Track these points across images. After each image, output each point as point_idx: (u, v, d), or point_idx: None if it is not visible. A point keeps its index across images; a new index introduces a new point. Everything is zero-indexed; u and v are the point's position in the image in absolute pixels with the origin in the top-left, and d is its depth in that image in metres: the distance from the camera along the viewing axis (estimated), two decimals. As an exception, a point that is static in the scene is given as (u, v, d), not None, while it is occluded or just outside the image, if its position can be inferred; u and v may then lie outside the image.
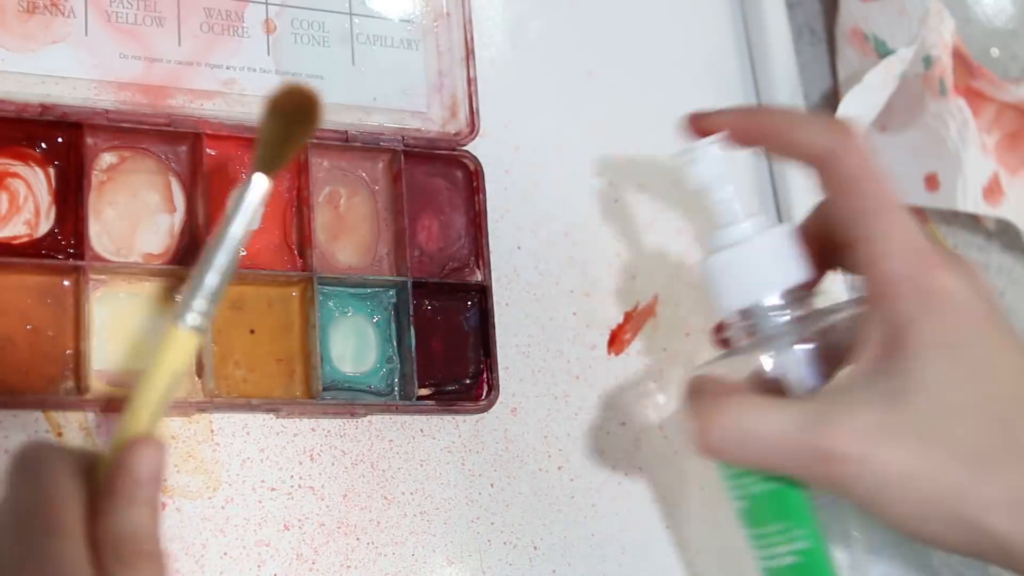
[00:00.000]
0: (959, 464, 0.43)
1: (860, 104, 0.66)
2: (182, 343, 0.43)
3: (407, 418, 0.54)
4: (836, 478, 0.44)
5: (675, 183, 0.59)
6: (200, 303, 0.44)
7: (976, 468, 0.43)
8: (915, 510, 0.44)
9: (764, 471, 0.47)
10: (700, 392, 0.48)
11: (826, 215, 0.49)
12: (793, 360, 0.47)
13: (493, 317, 0.55)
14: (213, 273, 0.44)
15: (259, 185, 0.45)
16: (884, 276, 0.46)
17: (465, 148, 0.57)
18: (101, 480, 0.41)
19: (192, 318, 0.43)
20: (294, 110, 0.45)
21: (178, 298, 0.44)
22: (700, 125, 0.50)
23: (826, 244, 0.48)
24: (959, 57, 0.69)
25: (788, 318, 0.48)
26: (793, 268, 0.48)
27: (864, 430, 0.44)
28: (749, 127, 0.49)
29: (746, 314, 0.48)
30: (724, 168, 0.49)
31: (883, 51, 0.68)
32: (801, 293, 0.48)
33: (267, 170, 0.45)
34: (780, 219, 0.66)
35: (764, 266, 0.48)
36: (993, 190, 0.69)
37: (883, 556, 0.49)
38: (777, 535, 0.47)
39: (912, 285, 0.45)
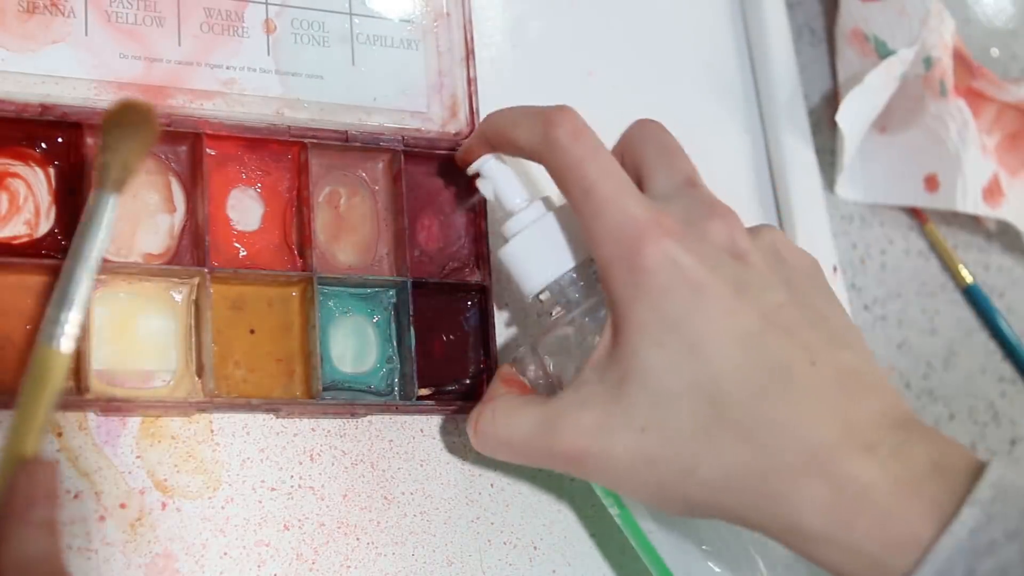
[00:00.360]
0: (675, 449, 0.44)
1: (861, 105, 0.66)
2: (56, 361, 0.43)
3: (407, 418, 0.54)
4: (579, 472, 0.47)
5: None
6: (66, 317, 0.43)
7: (690, 450, 0.44)
8: (652, 493, 0.45)
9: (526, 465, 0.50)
10: (489, 386, 0.51)
11: None
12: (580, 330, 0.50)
13: (493, 317, 0.55)
14: (74, 287, 0.44)
15: (109, 205, 0.45)
16: (600, 263, 0.46)
17: (465, 148, 0.57)
18: None
19: (62, 336, 0.43)
20: (131, 123, 0.45)
21: (45, 317, 0.44)
22: (463, 160, 0.53)
23: None
24: (959, 58, 0.70)
25: (585, 288, 0.50)
26: (574, 247, 0.50)
27: (587, 429, 0.45)
28: (488, 140, 0.52)
29: (552, 287, 0.51)
30: (499, 177, 0.52)
31: (883, 52, 0.68)
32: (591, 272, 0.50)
33: (115, 189, 0.45)
34: (780, 220, 0.66)
35: (557, 243, 0.50)
36: (993, 191, 0.69)
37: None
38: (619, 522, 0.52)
39: (620, 269, 0.45)
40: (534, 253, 0.51)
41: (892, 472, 0.42)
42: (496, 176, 0.52)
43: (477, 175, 0.53)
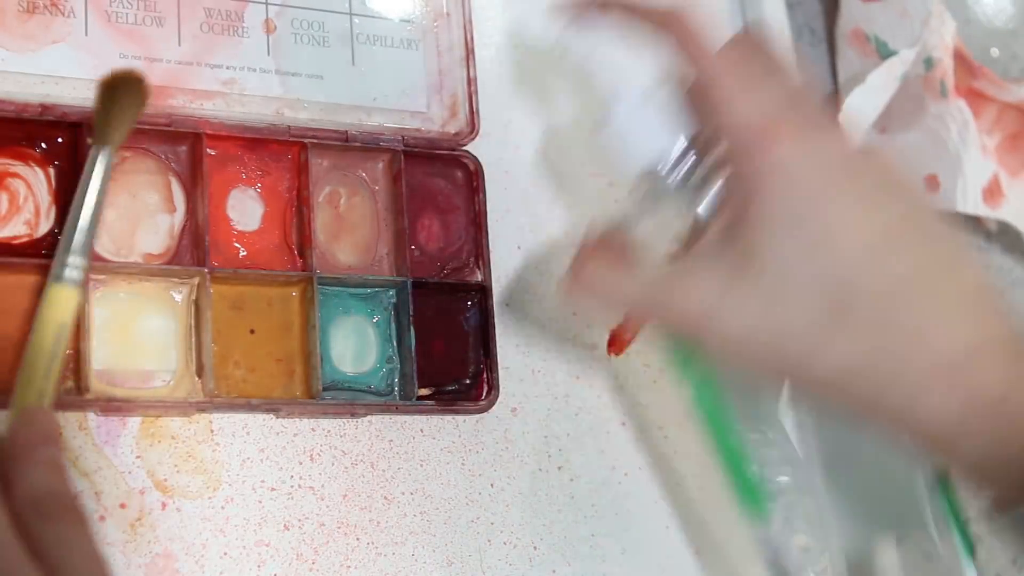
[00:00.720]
0: (801, 330, 0.45)
1: (863, 104, 0.66)
2: (63, 298, 0.46)
3: (407, 418, 0.54)
4: (691, 333, 0.48)
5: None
6: (74, 259, 0.46)
7: (819, 334, 0.45)
8: (770, 368, 0.47)
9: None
10: (588, 239, 0.51)
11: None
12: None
13: (493, 317, 0.55)
14: (79, 232, 0.46)
15: (100, 157, 0.48)
16: (730, 150, 0.47)
17: (465, 148, 0.57)
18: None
19: (69, 272, 0.46)
20: (123, 85, 0.48)
21: (54, 261, 0.47)
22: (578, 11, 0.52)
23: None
24: (960, 58, 0.70)
25: (686, 171, 0.50)
26: (681, 125, 0.50)
27: (710, 292, 0.46)
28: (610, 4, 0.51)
29: (648, 174, 0.50)
30: (601, 45, 0.52)
31: (885, 52, 0.68)
32: (694, 147, 0.50)
33: (109, 142, 0.48)
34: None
35: (656, 128, 0.50)
36: (993, 191, 0.69)
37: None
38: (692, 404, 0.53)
39: (751, 160, 0.46)
40: (632, 138, 0.50)
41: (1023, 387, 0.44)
42: (595, 40, 0.52)
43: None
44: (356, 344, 0.54)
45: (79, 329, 0.48)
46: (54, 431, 0.43)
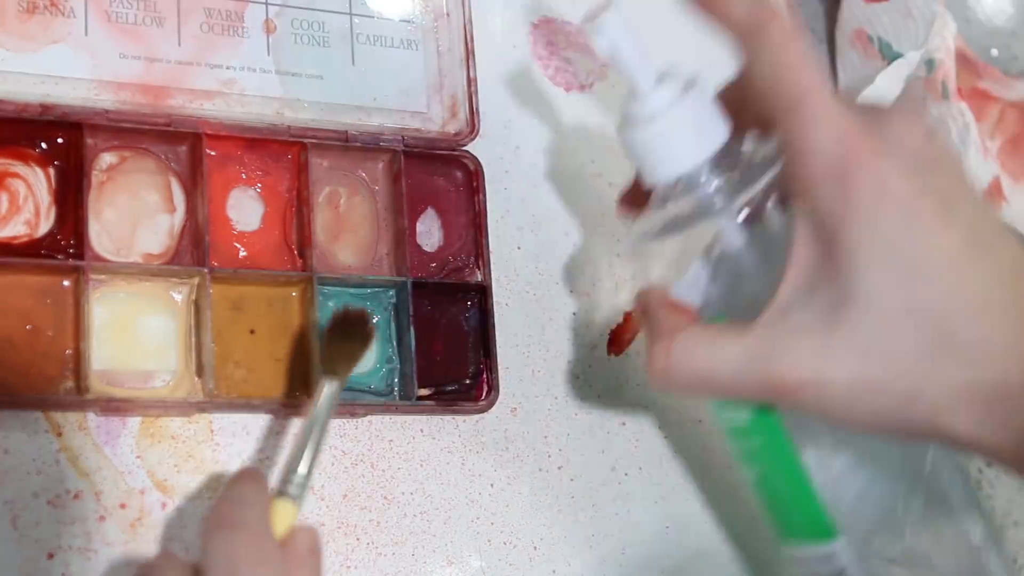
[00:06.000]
0: (900, 373, 0.43)
1: (870, 105, 0.66)
2: (286, 513, 0.46)
3: (407, 418, 0.54)
4: (790, 403, 0.45)
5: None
6: (298, 478, 0.47)
7: (917, 373, 0.43)
8: (868, 420, 0.44)
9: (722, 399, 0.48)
10: (652, 318, 0.48)
11: (747, 87, 0.47)
12: (735, 231, 0.47)
13: (493, 317, 0.55)
14: (306, 457, 0.47)
15: (331, 389, 0.49)
16: (807, 175, 0.44)
17: (465, 148, 0.57)
18: None
19: (293, 489, 0.47)
20: (356, 327, 0.51)
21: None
22: None
23: (746, 112, 0.47)
24: (963, 59, 0.69)
25: (721, 183, 0.47)
26: (716, 131, 0.47)
27: (806, 357, 0.44)
28: None
29: (678, 185, 0.47)
30: (627, 36, 0.46)
31: (888, 53, 0.68)
32: (728, 154, 0.47)
33: (339, 377, 0.49)
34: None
35: (688, 135, 0.46)
36: (993, 194, 0.69)
37: (847, 448, 0.49)
38: (757, 451, 0.50)
39: (836, 183, 0.43)
40: (663, 143, 0.46)
41: None
42: (623, 34, 0.46)
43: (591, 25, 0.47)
44: (356, 344, 0.54)
45: (79, 329, 0.48)
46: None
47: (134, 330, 0.50)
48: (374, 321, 0.53)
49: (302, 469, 0.47)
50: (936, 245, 0.43)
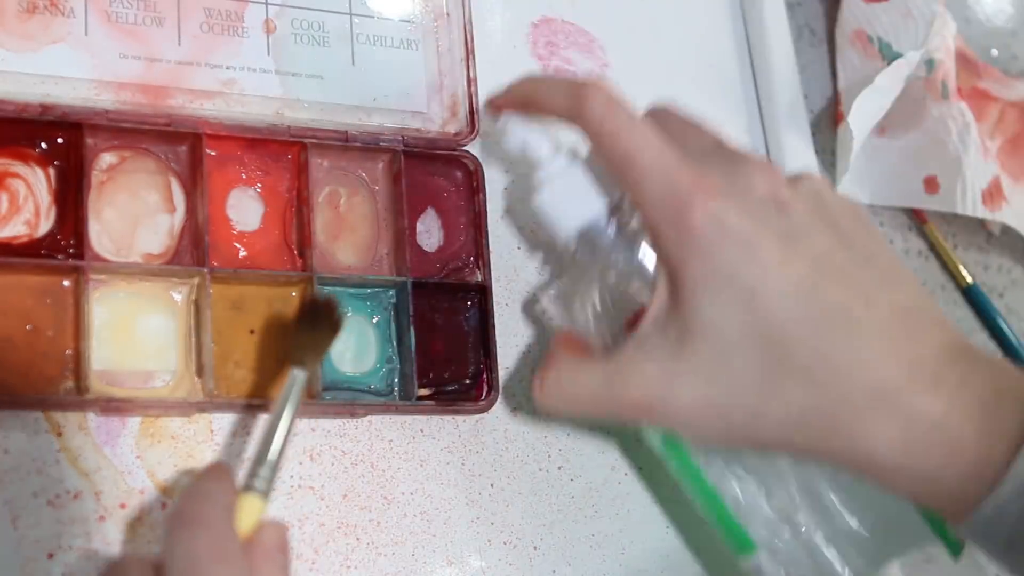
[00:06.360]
0: (741, 394, 0.46)
1: (870, 106, 0.66)
2: (252, 507, 0.45)
3: (407, 418, 0.54)
4: (646, 420, 0.49)
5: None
6: (265, 471, 0.46)
7: (757, 394, 0.45)
8: (722, 437, 0.47)
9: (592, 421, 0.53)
10: (547, 350, 0.52)
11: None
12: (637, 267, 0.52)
13: (493, 317, 0.55)
14: (272, 449, 0.46)
15: (300, 379, 0.48)
16: (651, 225, 0.47)
17: (465, 148, 0.57)
18: None
19: (259, 483, 0.45)
20: (324, 316, 0.50)
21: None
22: (493, 105, 0.53)
23: None
24: (964, 59, 0.70)
25: (618, 231, 0.52)
26: (609, 187, 0.52)
27: (653, 380, 0.47)
28: (517, 99, 0.52)
29: (585, 234, 0.52)
30: (526, 132, 0.53)
31: (888, 53, 0.68)
32: (623, 212, 0.52)
33: (308, 367, 0.48)
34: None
35: (586, 190, 0.52)
36: (993, 194, 0.69)
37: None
38: (675, 473, 0.54)
39: (670, 231, 0.46)
40: (564, 202, 0.52)
41: (960, 403, 0.44)
42: (521, 130, 0.53)
43: (501, 132, 0.54)
44: (356, 344, 0.54)
45: (79, 329, 0.48)
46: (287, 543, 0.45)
47: (134, 330, 0.50)
48: (343, 310, 0.52)
49: (269, 462, 0.45)
50: (775, 275, 0.45)
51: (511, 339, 0.57)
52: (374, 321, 0.54)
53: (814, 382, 0.45)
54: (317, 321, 0.50)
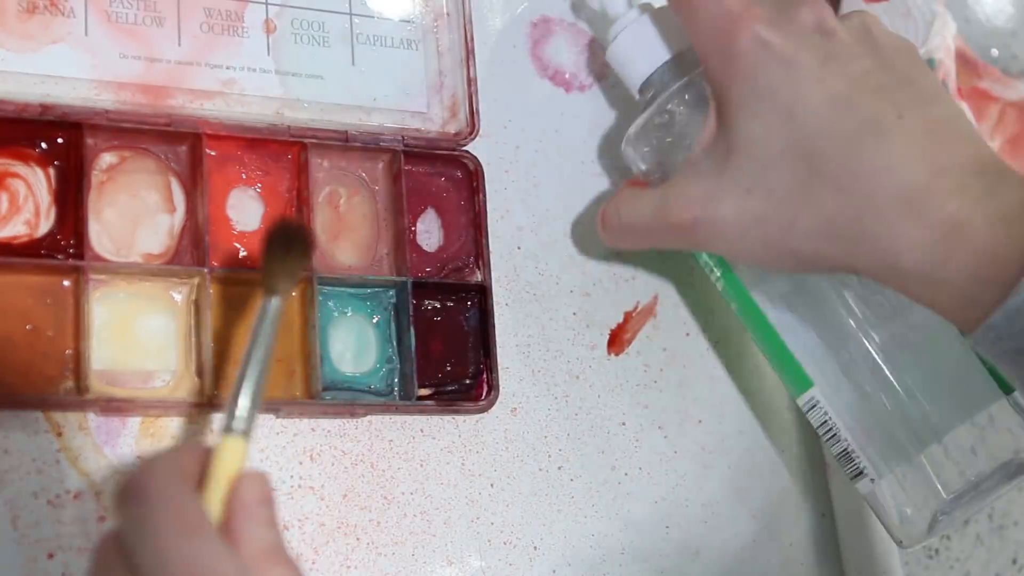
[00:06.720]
0: (777, 207, 0.48)
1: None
2: (235, 449, 0.41)
3: (407, 418, 0.54)
4: (692, 242, 0.52)
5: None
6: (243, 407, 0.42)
7: (791, 205, 0.48)
8: (760, 252, 0.50)
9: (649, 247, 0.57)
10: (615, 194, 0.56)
11: None
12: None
13: (493, 317, 0.55)
14: (250, 383, 0.43)
15: (274, 307, 0.45)
16: (701, 55, 0.51)
17: (465, 148, 0.57)
18: None
19: (236, 424, 0.42)
20: (292, 237, 0.47)
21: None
22: None
23: None
24: (963, 58, 0.69)
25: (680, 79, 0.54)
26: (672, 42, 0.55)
27: (697, 198, 0.50)
28: None
29: (653, 83, 0.55)
30: None
31: (887, 53, 0.67)
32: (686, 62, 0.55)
33: (280, 292, 0.45)
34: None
35: (655, 40, 0.55)
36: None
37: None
38: (738, 314, 0.57)
39: (718, 57, 0.49)
40: (634, 49, 0.56)
41: (983, 211, 0.45)
42: None
43: None
44: (356, 344, 0.54)
45: (79, 329, 0.48)
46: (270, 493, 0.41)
47: (134, 330, 0.50)
48: (312, 231, 0.52)
49: (244, 400, 0.42)
50: (812, 91, 0.47)
51: (511, 339, 0.57)
52: (374, 321, 0.54)
53: (842, 189, 0.47)
54: (288, 245, 0.47)
